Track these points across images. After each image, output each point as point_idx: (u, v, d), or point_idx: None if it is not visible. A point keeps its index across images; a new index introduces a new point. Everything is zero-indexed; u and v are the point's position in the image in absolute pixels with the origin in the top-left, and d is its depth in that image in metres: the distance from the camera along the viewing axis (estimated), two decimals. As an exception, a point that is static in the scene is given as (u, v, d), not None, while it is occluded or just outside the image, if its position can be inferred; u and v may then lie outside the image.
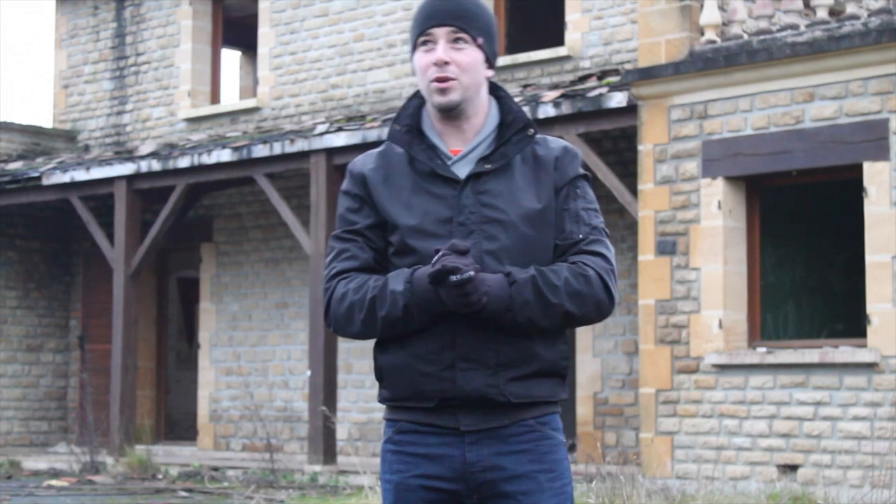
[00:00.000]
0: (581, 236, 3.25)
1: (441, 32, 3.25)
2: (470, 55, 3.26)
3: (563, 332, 3.28)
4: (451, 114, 3.26)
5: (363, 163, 3.34)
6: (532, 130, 3.29)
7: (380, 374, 3.27)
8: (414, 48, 3.30)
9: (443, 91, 3.23)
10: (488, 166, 3.24)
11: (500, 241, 3.20)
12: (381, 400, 3.31)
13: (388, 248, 3.27)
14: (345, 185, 3.36)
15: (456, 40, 3.25)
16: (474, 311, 3.12)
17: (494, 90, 3.35)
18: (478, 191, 3.23)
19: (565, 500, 3.26)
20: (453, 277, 3.05)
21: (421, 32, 3.28)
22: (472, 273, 3.06)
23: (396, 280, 3.16)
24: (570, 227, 3.26)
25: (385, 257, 3.27)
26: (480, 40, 3.28)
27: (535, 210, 3.23)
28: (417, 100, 3.34)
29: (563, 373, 3.28)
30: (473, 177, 3.24)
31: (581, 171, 3.33)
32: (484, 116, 3.30)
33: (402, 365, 3.21)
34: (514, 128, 3.28)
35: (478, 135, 3.29)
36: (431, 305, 3.13)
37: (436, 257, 3.09)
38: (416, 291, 3.12)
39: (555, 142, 3.34)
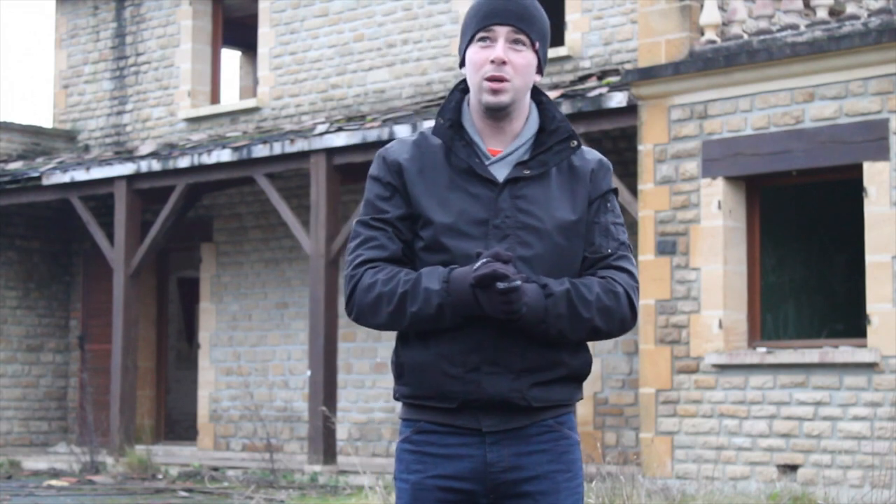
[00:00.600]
0: (610, 251, 3.27)
1: (502, 31, 3.23)
2: (526, 58, 3.25)
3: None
4: (498, 114, 3.25)
5: (398, 150, 3.29)
6: (575, 142, 3.29)
7: (400, 370, 3.25)
8: (469, 42, 3.27)
9: (495, 92, 3.21)
10: (527, 172, 3.23)
11: (534, 249, 3.20)
12: (400, 397, 3.28)
13: (415, 241, 3.24)
14: (375, 170, 3.30)
15: (515, 41, 3.24)
16: (511, 320, 3.11)
17: (535, 95, 3.33)
18: (515, 195, 3.22)
19: (579, 500, 3.28)
20: (501, 284, 3.04)
21: (481, 27, 3.25)
22: (519, 282, 3.05)
23: (431, 278, 3.14)
24: (600, 240, 3.27)
25: (412, 250, 3.25)
26: (537, 45, 3.27)
27: (570, 221, 3.23)
28: (459, 93, 3.32)
29: (584, 378, 3.31)
30: (511, 181, 3.22)
31: (612, 184, 3.35)
32: (524, 120, 3.29)
33: (427, 364, 3.19)
34: (556, 137, 3.27)
35: (517, 138, 3.27)
36: (467, 308, 3.11)
37: (479, 262, 3.08)
38: (453, 292, 3.10)
39: (590, 153, 3.34)
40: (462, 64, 3.32)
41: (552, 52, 15.43)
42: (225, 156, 15.75)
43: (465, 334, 3.15)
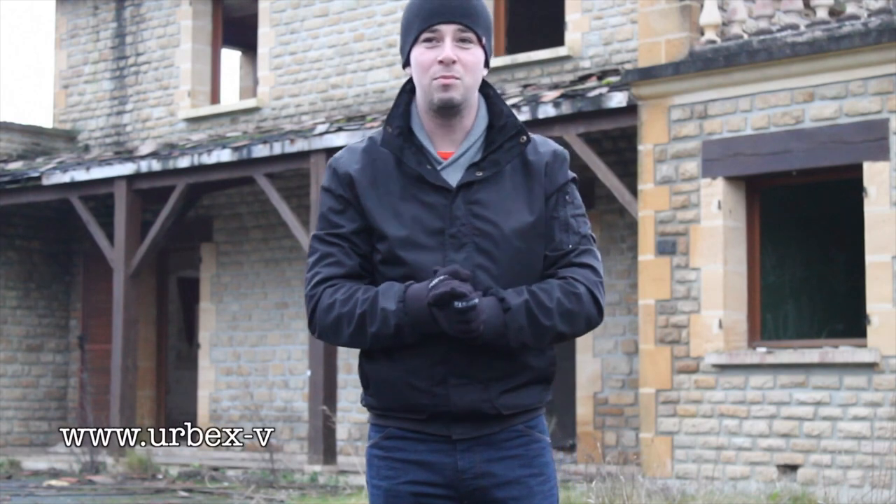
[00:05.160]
0: (571, 247, 3.19)
1: (448, 29, 3.14)
2: (475, 55, 3.16)
3: None
4: (449, 112, 3.16)
5: (348, 161, 3.21)
6: (525, 138, 3.21)
7: (366, 381, 3.21)
8: (413, 42, 3.18)
9: (446, 87, 3.12)
10: (479, 174, 3.15)
11: (493, 256, 3.13)
12: (367, 406, 3.24)
13: (373, 254, 3.18)
14: (328, 182, 3.23)
15: (462, 39, 3.15)
16: (469, 339, 3.06)
17: (482, 87, 3.25)
18: (469, 201, 3.14)
19: (554, 503, 3.25)
20: (458, 304, 2.99)
21: (425, 27, 3.15)
22: (476, 301, 3.00)
23: (387, 297, 3.07)
24: (560, 236, 3.20)
25: (370, 262, 3.18)
26: (483, 40, 3.19)
27: (527, 223, 3.16)
28: (407, 94, 3.24)
29: (551, 378, 3.25)
30: (464, 186, 3.15)
31: (569, 175, 3.26)
32: (474, 117, 3.21)
33: (393, 378, 3.14)
34: (506, 134, 3.19)
35: (467, 138, 3.19)
36: (424, 326, 3.05)
37: (436, 279, 3.01)
38: (410, 312, 3.05)
39: (544, 145, 3.26)
40: (406, 64, 3.23)
41: (552, 53, 15.44)
42: (225, 156, 15.75)
43: (431, 347, 3.10)
